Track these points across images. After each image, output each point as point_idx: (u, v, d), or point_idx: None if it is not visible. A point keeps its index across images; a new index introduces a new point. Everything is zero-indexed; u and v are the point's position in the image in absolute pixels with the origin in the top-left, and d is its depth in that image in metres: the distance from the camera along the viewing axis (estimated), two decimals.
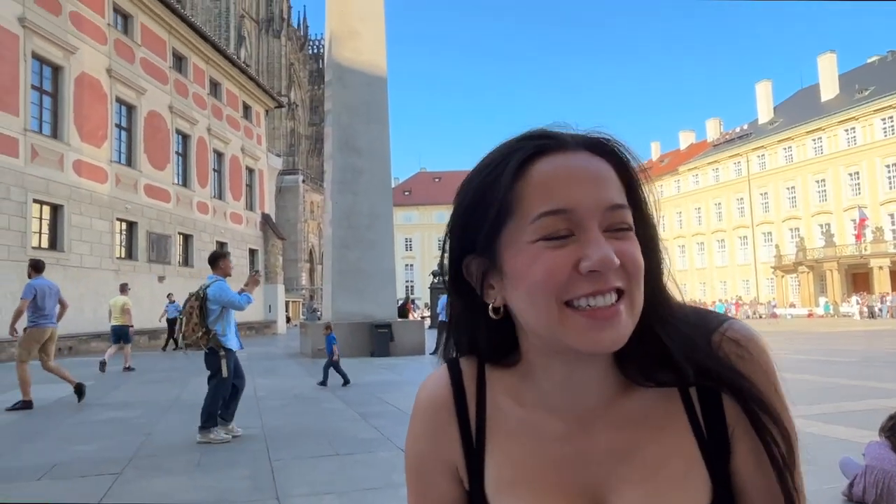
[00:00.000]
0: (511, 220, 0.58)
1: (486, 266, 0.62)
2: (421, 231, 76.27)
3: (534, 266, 0.56)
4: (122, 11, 21.04)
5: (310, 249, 58.94)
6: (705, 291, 58.11)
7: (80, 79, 18.54)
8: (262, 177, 32.22)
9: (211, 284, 5.89)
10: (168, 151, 23.23)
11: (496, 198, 0.58)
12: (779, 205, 52.57)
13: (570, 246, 0.55)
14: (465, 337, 0.70)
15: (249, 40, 65.34)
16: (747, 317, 44.53)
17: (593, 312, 0.54)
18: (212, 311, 5.77)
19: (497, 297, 0.62)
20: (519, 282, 0.57)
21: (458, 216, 0.63)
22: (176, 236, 23.46)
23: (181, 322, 5.84)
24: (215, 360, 5.84)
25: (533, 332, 0.60)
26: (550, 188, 0.56)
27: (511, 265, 0.58)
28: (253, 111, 31.32)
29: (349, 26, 16.14)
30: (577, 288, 0.54)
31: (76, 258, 17.98)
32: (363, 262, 15.57)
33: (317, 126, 76.68)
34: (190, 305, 5.80)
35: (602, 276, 0.54)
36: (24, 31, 16.37)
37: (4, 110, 15.63)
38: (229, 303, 5.83)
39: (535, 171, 0.58)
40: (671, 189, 63.74)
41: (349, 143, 15.99)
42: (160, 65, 22.98)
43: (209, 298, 5.78)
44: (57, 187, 17.42)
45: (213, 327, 5.76)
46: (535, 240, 0.56)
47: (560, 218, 0.55)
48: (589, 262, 0.54)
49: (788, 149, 51.78)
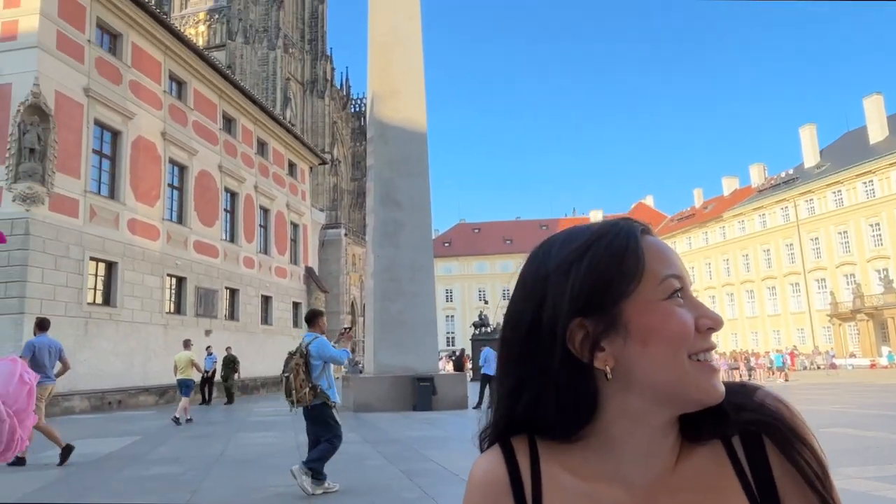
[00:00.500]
0: (642, 282, 0.63)
1: (601, 328, 0.63)
2: (461, 282, 76.23)
3: (670, 321, 0.62)
4: (177, 78, 22.30)
5: (352, 302, 59.48)
6: (757, 341, 55.85)
7: (137, 142, 19.57)
8: (306, 231, 33.00)
9: (312, 342, 6.09)
10: (217, 208, 24.09)
11: (630, 263, 0.64)
12: (831, 250, 50.78)
13: (685, 308, 0.63)
14: (525, 404, 0.67)
15: (295, 101, 68.12)
16: (804, 368, 42.49)
17: (710, 365, 0.62)
18: (315, 367, 5.98)
19: (609, 359, 0.63)
20: (651, 339, 0.62)
21: (571, 283, 0.64)
22: (223, 290, 24.04)
23: (287, 380, 5.92)
24: (324, 413, 6.02)
25: (653, 388, 0.62)
26: (667, 257, 0.65)
27: (641, 323, 0.62)
28: (298, 168, 32.37)
29: (390, 86, 16.69)
30: (697, 343, 0.62)
31: (128, 313, 18.55)
32: (405, 315, 15.59)
33: (359, 181, 78.55)
34: (295, 363, 5.95)
35: (712, 333, 0.63)
36: (88, 100, 17.47)
37: (68, 174, 16.54)
38: (331, 358, 6.07)
39: (648, 242, 0.66)
40: (716, 236, 62.41)
41: (390, 197, 16.29)
42: (211, 127, 24.10)
43: (312, 355, 5.99)
44: (112, 245, 18.17)
45: (318, 382, 5.96)
46: (665, 298, 0.63)
47: (677, 280, 0.64)
48: (710, 321, 0.63)
49: (838, 193, 50.35)
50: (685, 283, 0.64)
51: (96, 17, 18.05)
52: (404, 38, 16.89)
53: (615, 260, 0.64)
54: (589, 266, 0.64)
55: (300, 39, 73.50)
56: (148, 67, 20.37)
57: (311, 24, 75.76)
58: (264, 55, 64.16)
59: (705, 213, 65.92)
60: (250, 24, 64.44)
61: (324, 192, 67.48)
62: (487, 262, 76.80)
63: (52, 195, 15.86)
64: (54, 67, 16.29)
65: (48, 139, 15.68)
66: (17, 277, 15.05)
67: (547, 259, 0.67)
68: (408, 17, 17.04)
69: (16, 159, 15.21)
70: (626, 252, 0.64)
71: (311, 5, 76.28)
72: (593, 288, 0.63)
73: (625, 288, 0.63)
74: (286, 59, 66.46)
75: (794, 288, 54.53)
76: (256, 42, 64.20)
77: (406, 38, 16.93)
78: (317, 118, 72.12)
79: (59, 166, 16.07)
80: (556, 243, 0.68)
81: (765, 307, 57.34)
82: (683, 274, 0.65)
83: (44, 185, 15.51)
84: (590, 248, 0.65)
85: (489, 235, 79.68)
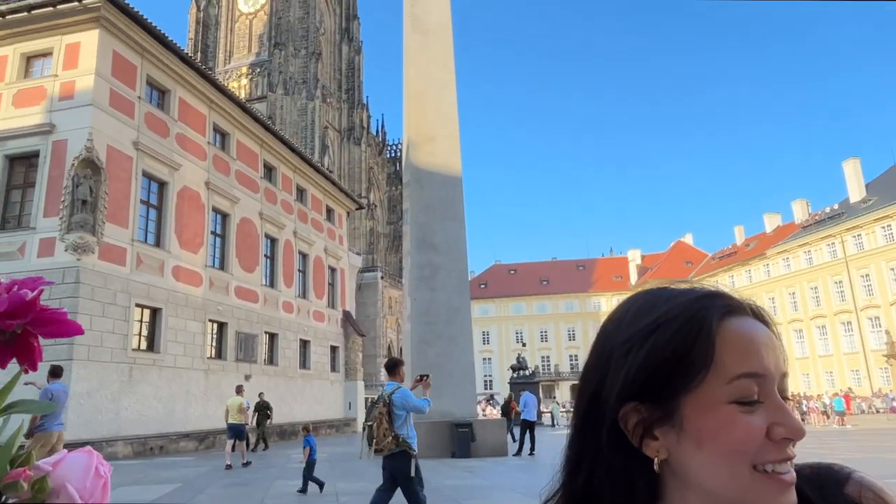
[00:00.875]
0: (706, 377, 0.56)
1: (656, 416, 0.58)
2: (498, 324, 75.56)
3: (728, 431, 0.55)
4: (221, 130, 23.18)
5: (388, 345, 59.45)
6: (809, 383, 53.47)
7: (182, 192, 20.28)
8: (344, 275, 33.37)
9: (394, 391, 6.18)
10: (257, 254, 24.61)
11: (697, 355, 0.57)
12: (884, 287, 48.75)
13: (759, 411, 0.56)
14: (582, 480, 0.63)
15: (332, 148, 69.96)
16: (862, 411, 40.36)
17: (779, 478, 0.55)
18: (398, 417, 6.05)
19: (661, 450, 0.58)
20: (705, 443, 0.56)
21: (629, 366, 0.59)
22: (262, 335, 24.33)
23: (371, 428, 6.02)
24: (405, 462, 6.04)
25: (710, 493, 0.57)
26: (747, 350, 0.57)
27: (697, 424, 0.56)
28: (335, 213, 33.00)
29: (425, 133, 17.00)
30: (766, 453, 0.55)
31: (170, 359, 18.88)
32: (442, 358, 15.46)
33: (394, 224, 79.56)
34: (379, 412, 6.04)
35: (789, 443, 0.56)
36: (137, 153, 18.26)
37: (117, 223, 17.19)
38: (414, 408, 6.15)
39: (729, 330, 0.58)
40: (760, 274, 60.73)
41: (426, 241, 16.39)
42: (252, 175, 24.85)
43: (395, 404, 6.06)
44: (157, 291, 18.66)
45: (400, 431, 6.02)
46: (730, 402, 0.55)
47: (754, 381, 0.56)
48: (785, 431, 0.55)
49: (887, 227, 48.63)
50: (767, 380, 0.57)
51: (146, 74, 19.02)
52: (439, 87, 17.26)
53: (680, 350, 0.57)
54: (651, 351, 0.58)
55: (337, 89, 75.98)
56: (193, 120, 21.26)
57: (348, 74, 78.34)
58: (303, 105, 66.39)
59: (747, 250, 64.37)
60: (290, 77, 66.97)
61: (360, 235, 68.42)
62: (524, 304, 76.12)
63: (102, 244, 16.46)
64: (107, 123, 17.13)
65: (99, 191, 16.37)
66: None
67: (616, 332, 0.62)
68: (442, 66, 17.45)
69: (69, 211, 15.89)
70: (694, 342, 0.57)
71: (348, 56, 79.03)
72: (651, 376, 0.58)
73: (685, 383, 0.57)
74: (324, 108, 68.64)
75: (846, 327, 52.32)
76: (296, 93, 66.57)
77: (440, 86, 17.31)
78: (353, 164, 73.80)
79: (108, 216, 16.72)
80: (629, 312, 0.63)
81: (815, 347, 55.07)
82: (767, 369, 0.57)
83: (94, 234, 16.12)
84: (656, 331, 0.59)
85: (525, 276, 79.19)
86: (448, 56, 17.60)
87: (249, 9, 72.21)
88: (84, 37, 17.16)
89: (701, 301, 0.60)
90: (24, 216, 16.66)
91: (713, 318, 0.58)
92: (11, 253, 16.13)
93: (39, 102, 17.05)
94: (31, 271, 15.69)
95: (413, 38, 17.47)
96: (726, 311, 0.59)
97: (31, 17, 17.15)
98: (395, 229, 78.98)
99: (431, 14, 17.64)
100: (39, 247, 16.04)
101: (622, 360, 0.60)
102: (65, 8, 16.86)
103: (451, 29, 17.78)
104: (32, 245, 16.12)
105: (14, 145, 16.89)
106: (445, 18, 17.75)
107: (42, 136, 16.68)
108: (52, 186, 16.28)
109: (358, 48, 79.99)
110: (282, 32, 68.46)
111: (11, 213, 16.89)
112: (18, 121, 16.93)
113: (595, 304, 75.72)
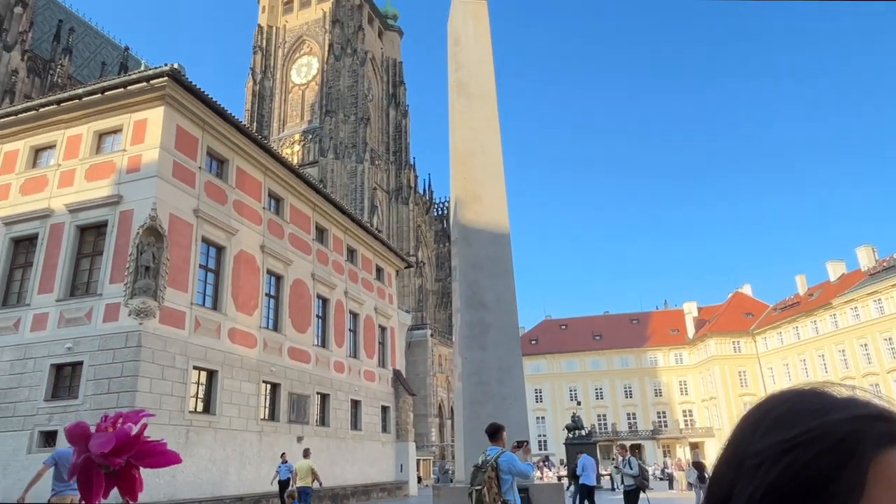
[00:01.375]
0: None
1: None
2: (550, 381, 73.67)
3: None
4: (275, 195, 24.07)
5: (439, 404, 58.60)
6: None
7: (238, 256, 20.97)
8: (394, 334, 33.42)
9: (500, 456, 6.25)
10: (310, 315, 24.99)
11: (840, 490, 0.48)
12: None
13: None
14: None
15: (381, 208, 71.61)
16: None
17: None
18: (505, 481, 6.13)
19: None
20: None
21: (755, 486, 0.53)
22: (314, 396, 24.38)
23: (479, 493, 6.05)
24: None
25: None
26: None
27: None
28: (385, 272, 33.39)
29: (472, 191, 17.20)
30: None
31: (225, 420, 19.07)
32: (495, 419, 15.07)
33: (443, 281, 79.86)
34: (487, 476, 6.10)
35: None
36: (197, 220, 19.09)
37: (177, 288, 17.83)
38: (519, 473, 6.27)
39: (889, 464, 0.49)
40: (827, 325, 57.81)
41: (475, 298, 16.31)
42: (305, 238, 25.55)
43: (502, 469, 6.14)
44: (213, 354, 19.06)
45: (507, 496, 6.09)
46: None
47: None
48: None
49: None
50: None
51: (207, 145, 20.09)
52: (484, 146, 17.55)
53: (822, 477, 0.49)
54: (783, 474, 0.51)
55: (385, 151, 78.42)
56: (250, 187, 22.19)
57: (396, 136, 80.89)
58: (353, 168, 68.64)
59: (811, 300, 61.57)
60: (340, 142, 69.63)
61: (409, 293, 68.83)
62: (577, 360, 74.16)
63: (163, 308, 17.04)
64: (169, 193, 18.04)
65: (161, 257, 17.10)
66: (129, 388, 15.97)
67: (750, 439, 0.55)
68: (487, 125, 17.79)
69: (133, 277, 16.61)
70: (841, 470, 0.49)
71: (395, 120, 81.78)
72: (782, 499, 0.51)
73: None
74: (372, 170, 70.77)
75: None
76: (346, 157, 69.01)
77: (486, 145, 17.59)
78: (402, 223, 75.16)
79: (169, 281, 17.37)
80: (766, 418, 0.56)
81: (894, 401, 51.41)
82: None
83: (155, 299, 16.74)
84: (793, 450, 0.51)
85: (577, 331, 77.52)
86: (493, 118, 17.95)
87: (302, 80, 76.15)
88: (151, 113, 18.35)
89: (858, 422, 0.51)
90: (92, 283, 17.48)
91: (870, 446, 0.50)
92: (79, 318, 16.87)
93: (109, 175, 18.17)
94: (97, 336, 16.38)
95: (458, 102, 17.94)
96: (889, 439, 0.50)
97: (104, 97, 18.52)
98: (443, 286, 79.23)
99: (475, 79, 18.14)
100: (105, 312, 16.73)
101: (750, 476, 0.54)
102: (134, 88, 18.15)
103: (495, 92, 18.19)
104: (99, 310, 16.83)
105: (85, 216, 17.95)
106: (490, 83, 18.22)
107: (110, 206, 17.68)
108: (118, 254, 17.11)
109: (405, 112, 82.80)
110: (332, 100, 71.68)
111: (80, 280, 17.76)
112: (89, 193, 18.05)
113: (651, 360, 73.19)
